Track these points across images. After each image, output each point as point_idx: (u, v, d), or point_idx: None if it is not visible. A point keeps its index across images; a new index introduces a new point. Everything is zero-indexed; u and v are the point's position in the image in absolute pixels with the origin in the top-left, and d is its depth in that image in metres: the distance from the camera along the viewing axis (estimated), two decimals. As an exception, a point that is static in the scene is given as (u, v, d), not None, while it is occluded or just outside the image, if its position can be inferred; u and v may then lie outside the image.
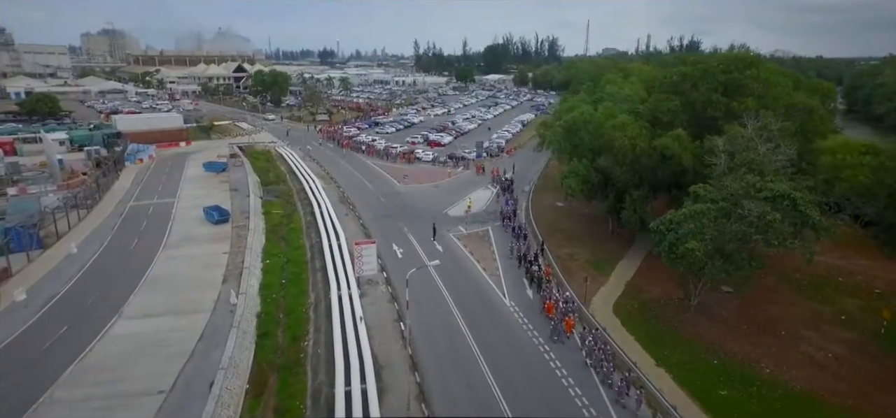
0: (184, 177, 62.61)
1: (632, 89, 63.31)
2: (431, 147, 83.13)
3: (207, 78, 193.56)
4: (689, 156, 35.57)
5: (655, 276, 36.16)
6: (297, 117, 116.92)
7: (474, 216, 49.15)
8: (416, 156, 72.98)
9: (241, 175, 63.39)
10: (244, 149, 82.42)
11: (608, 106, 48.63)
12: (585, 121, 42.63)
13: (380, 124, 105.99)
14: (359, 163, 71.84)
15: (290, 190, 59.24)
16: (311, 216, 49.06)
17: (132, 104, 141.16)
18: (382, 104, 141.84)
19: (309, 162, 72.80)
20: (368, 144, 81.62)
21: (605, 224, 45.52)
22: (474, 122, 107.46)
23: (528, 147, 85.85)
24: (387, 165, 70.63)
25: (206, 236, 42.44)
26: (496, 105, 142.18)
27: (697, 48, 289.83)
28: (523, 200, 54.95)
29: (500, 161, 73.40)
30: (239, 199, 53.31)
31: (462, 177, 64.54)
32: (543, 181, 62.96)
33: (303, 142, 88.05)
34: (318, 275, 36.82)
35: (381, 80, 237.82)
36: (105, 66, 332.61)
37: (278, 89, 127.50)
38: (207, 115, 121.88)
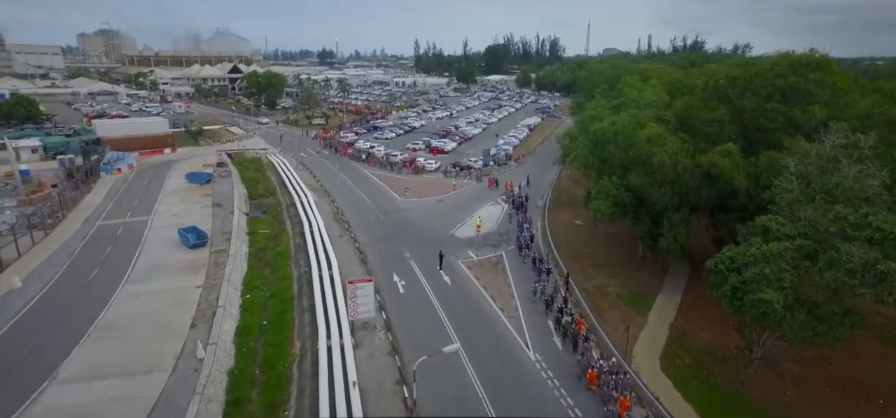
0: (164, 189, 57.09)
1: (654, 94, 57.99)
2: (434, 154, 77.64)
3: (202, 79, 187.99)
4: (743, 177, 30.06)
5: (701, 316, 30.75)
6: (292, 121, 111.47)
7: (485, 237, 43.65)
8: (423, 168, 67.23)
9: (227, 187, 57.91)
10: (233, 156, 76.93)
11: (635, 113, 43.20)
12: (616, 132, 37.09)
13: (379, 129, 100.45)
14: (356, 174, 66.33)
15: (280, 204, 53.72)
16: (302, 237, 43.53)
17: (122, 107, 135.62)
18: (381, 107, 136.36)
19: (302, 172, 67.31)
20: (368, 152, 76.09)
21: (632, 245, 40.14)
22: (478, 127, 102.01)
23: (537, 153, 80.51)
24: (386, 176, 65.12)
25: (179, 264, 36.92)
26: (500, 107, 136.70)
27: (701, 48, 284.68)
28: (538, 217, 49.50)
29: (508, 171, 67.96)
30: (222, 216, 47.85)
31: (468, 189, 59.03)
32: (558, 193, 57.47)
33: (297, 149, 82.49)
34: (305, 315, 31.29)
35: (381, 80, 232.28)
36: (101, 66, 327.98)
37: (273, 91, 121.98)
38: (199, 118, 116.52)
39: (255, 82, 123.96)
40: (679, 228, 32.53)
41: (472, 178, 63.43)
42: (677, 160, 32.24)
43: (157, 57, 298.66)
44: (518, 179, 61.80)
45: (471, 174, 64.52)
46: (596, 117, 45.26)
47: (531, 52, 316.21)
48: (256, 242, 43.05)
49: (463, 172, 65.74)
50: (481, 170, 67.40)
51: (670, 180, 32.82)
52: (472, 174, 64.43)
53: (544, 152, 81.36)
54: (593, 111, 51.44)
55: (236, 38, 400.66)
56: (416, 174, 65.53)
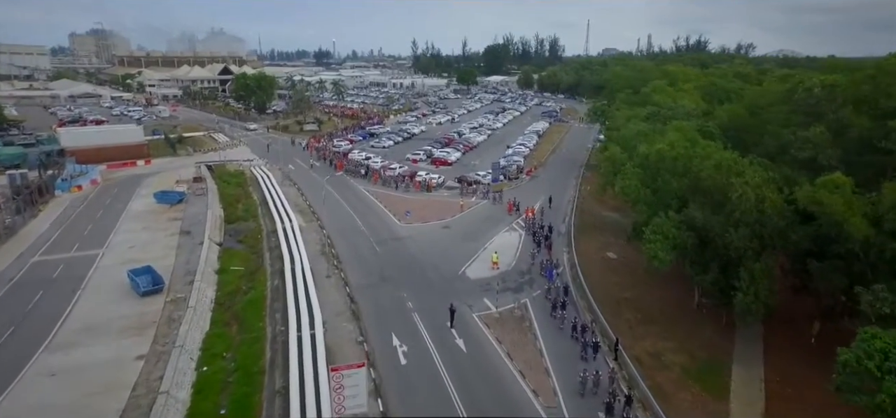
0: (126, 212, 49.42)
1: (690, 100, 50.78)
2: (436, 166, 70.08)
3: (190, 81, 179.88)
4: (860, 219, 22.58)
5: (801, 400, 23.38)
6: (282, 127, 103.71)
7: (503, 277, 36.13)
8: (433, 185, 59.06)
9: (201, 208, 50.30)
10: (213, 168, 69.27)
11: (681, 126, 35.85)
12: (674, 158, 29.60)
13: (375, 136, 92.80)
14: (349, 191, 58.72)
15: (260, 231, 46.07)
16: (281, 278, 35.91)
17: (103, 111, 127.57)
18: (378, 111, 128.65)
19: (289, 187, 59.66)
20: (368, 166, 68.09)
21: (681, 286, 32.81)
22: (483, 133, 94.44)
23: (550, 164, 73.07)
24: (384, 194, 57.52)
25: (122, 322, 29.30)
26: (504, 111, 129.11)
27: (705, 48, 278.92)
28: (563, 247, 42.02)
29: (521, 187, 60.46)
30: (189, 249, 40.26)
31: (478, 210, 51.48)
32: (581, 216, 49.90)
33: (286, 159, 74.76)
34: (276, 401, 23.71)
35: (378, 82, 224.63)
36: (90, 67, 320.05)
37: (262, 94, 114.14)
38: (183, 124, 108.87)
39: (243, 85, 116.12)
40: (762, 282, 25.05)
41: (480, 195, 55.83)
42: (762, 194, 24.78)
43: (148, 57, 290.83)
44: (536, 199, 54.37)
45: (479, 190, 56.91)
46: (642, 136, 37.48)
47: (531, 52, 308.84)
48: (226, 284, 35.42)
49: (469, 188, 58.23)
50: (491, 185, 59.90)
51: (752, 220, 25.35)
52: (481, 190, 56.82)
53: (558, 163, 73.96)
54: (629, 122, 44.04)
55: (231, 38, 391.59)
56: (427, 192, 57.62)
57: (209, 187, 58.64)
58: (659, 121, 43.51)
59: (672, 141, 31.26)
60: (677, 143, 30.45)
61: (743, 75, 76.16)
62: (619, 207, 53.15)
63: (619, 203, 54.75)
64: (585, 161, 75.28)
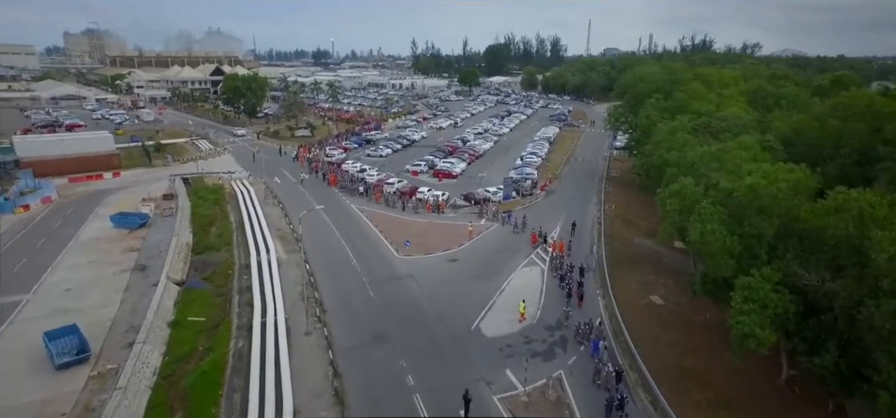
0: (75, 240, 41.92)
1: (738, 107, 43.39)
2: (439, 179, 62.64)
3: (181, 82, 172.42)
4: None
5: None
6: (272, 132, 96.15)
7: (527, 333, 28.74)
8: (443, 204, 51.06)
9: (166, 234, 42.86)
10: (190, 181, 61.83)
11: (749, 145, 28.35)
12: (772, 196, 21.99)
13: (372, 143, 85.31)
14: (341, 211, 51.32)
15: (232, 265, 38.57)
16: (248, 334, 28.48)
17: (85, 114, 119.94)
18: (376, 114, 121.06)
19: (272, 207, 52.23)
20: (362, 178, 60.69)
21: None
22: (489, 140, 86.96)
23: (565, 177, 65.66)
24: (380, 215, 50.10)
25: (19, 414, 21.83)
26: (509, 115, 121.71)
27: (710, 47, 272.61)
28: (595, 287, 34.57)
29: (537, 206, 53.06)
30: (139, 291, 32.87)
31: (489, 237, 44.01)
32: (612, 243, 42.37)
33: (272, 171, 67.35)
34: None
35: (377, 83, 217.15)
36: (83, 67, 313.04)
37: (252, 96, 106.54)
38: (167, 128, 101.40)
39: (232, 87, 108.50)
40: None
41: (490, 216, 48.25)
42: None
43: (141, 57, 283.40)
44: (554, 219, 46.99)
45: (489, 212, 49.38)
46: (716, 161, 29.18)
47: (532, 51, 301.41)
48: (179, 343, 27.98)
49: (480, 206, 50.81)
50: (502, 203, 52.50)
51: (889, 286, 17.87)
52: (491, 211, 49.25)
53: (574, 175, 66.51)
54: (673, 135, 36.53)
55: (229, 38, 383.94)
56: (438, 213, 49.83)
57: (181, 206, 51.17)
58: (708, 133, 36.12)
59: (768, 173, 23.58)
60: (777, 177, 22.78)
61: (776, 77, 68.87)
62: (651, 231, 45.76)
63: (650, 226, 47.41)
64: (605, 172, 67.87)
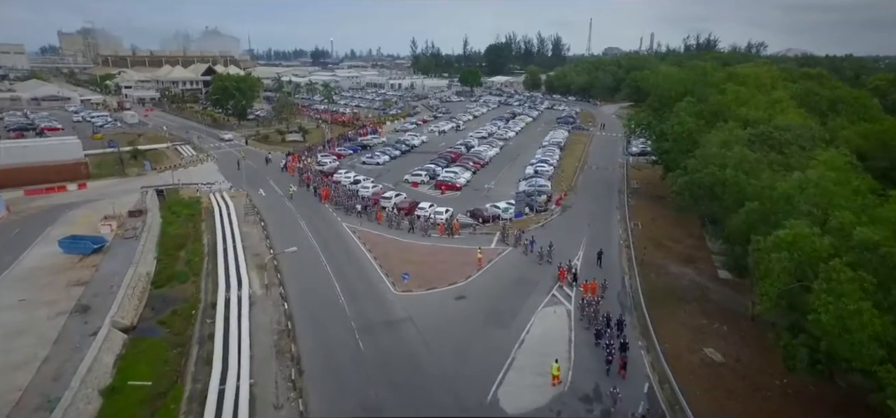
0: (11, 270, 35.62)
1: (793, 115, 37.17)
2: (442, 191, 56.39)
3: (171, 82, 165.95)
4: None
5: None
6: (262, 136, 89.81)
7: (559, 404, 22.53)
8: (457, 226, 44.14)
9: (124, 261, 36.63)
10: (165, 193, 55.62)
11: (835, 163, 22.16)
12: None
13: (368, 148, 79.10)
14: (331, 231, 45.11)
15: (196, 304, 32.30)
16: (200, 410, 22.22)
17: (65, 116, 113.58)
18: (373, 117, 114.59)
19: (253, 226, 45.98)
20: (357, 191, 54.61)
21: None
22: (494, 145, 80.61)
23: (580, 188, 59.45)
24: (375, 238, 43.86)
25: None
26: (514, 117, 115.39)
27: (714, 47, 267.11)
28: (634, 335, 28.32)
29: (552, 223, 46.82)
30: (72, 344, 26.68)
31: (502, 265, 37.71)
32: (646, 272, 36.06)
33: (257, 181, 61.10)
34: None
35: (375, 83, 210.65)
36: (75, 66, 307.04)
37: (242, 98, 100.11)
38: (151, 132, 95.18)
39: (221, 88, 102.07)
40: None
41: (499, 237, 41.81)
42: None
43: (134, 57, 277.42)
44: (575, 242, 40.74)
45: (504, 235, 43.07)
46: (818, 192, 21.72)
47: (533, 51, 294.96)
48: (111, 422, 21.76)
49: (485, 225, 44.57)
50: (514, 221, 46.29)
51: None
52: (504, 235, 42.92)
53: (590, 186, 60.25)
54: (726, 149, 30.23)
55: (226, 37, 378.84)
56: (451, 236, 43.03)
57: (148, 224, 44.94)
58: (768, 146, 29.94)
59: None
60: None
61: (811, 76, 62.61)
62: (687, 256, 39.68)
63: (684, 249, 41.31)
64: (623, 182, 61.66)
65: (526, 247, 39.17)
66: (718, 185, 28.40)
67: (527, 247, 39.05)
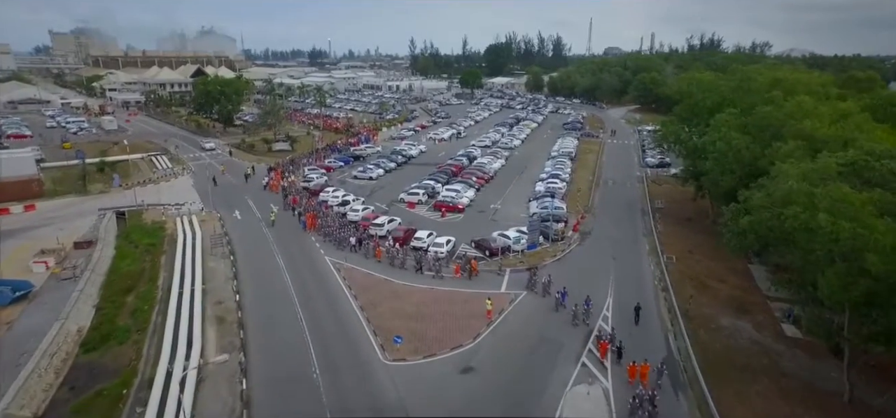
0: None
1: (879, 131, 30.37)
2: (443, 213, 49.50)
3: (159, 84, 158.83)
4: None
5: None
6: (247, 144, 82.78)
7: None
8: (476, 265, 36.31)
9: (51, 313, 29.74)
10: (125, 216, 48.74)
11: None
12: None
13: (361, 159, 72.27)
14: (312, 269, 38.22)
15: (133, 375, 25.40)
16: None
17: (39, 121, 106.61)
18: (368, 122, 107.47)
19: (220, 260, 39.06)
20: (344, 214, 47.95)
21: None
22: (498, 156, 73.74)
23: (598, 208, 52.62)
24: (364, 279, 36.99)
25: None
26: (518, 123, 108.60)
27: (718, 47, 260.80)
28: None
29: (570, 256, 39.96)
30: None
31: (516, 318, 30.80)
32: (691, 325, 29.20)
33: (235, 200, 54.22)
34: None
35: (372, 84, 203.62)
36: (65, 67, 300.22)
37: (227, 102, 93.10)
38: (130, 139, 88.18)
39: (204, 91, 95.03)
40: None
41: (539, 290, 33.35)
42: None
43: (125, 57, 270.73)
44: (600, 283, 33.81)
45: (538, 283, 35.62)
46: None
47: (534, 51, 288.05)
48: None
49: (494, 258, 37.66)
50: (527, 254, 39.45)
51: None
52: (545, 285, 35.14)
53: (610, 205, 53.47)
54: (809, 183, 23.33)
55: (221, 37, 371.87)
56: (469, 278, 35.36)
57: (95, 260, 38.06)
58: (866, 180, 23.13)
59: None
60: None
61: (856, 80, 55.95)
62: (739, 302, 32.89)
63: (732, 291, 34.51)
64: (645, 200, 54.90)
65: (557, 300, 31.23)
66: (804, 232, 21.61)
67: (558, 300, 31.17)
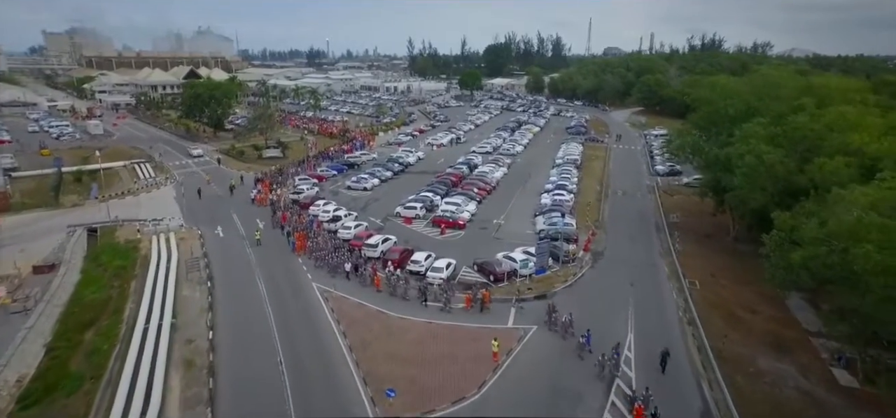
0: None
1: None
2: (442, 230, 45.64)
3: (150, 86, 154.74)
4: None
5: None
6: (237, 151, 78.82)
7: None
8: (489, 296, 32.02)
9: (-3, 356, 25.85)
10: (97, 233, 44.92)
11: None
12: None
13: (356, 167, 68.47)
14: (299, 298, 34.41)
15: (76, 439, 21.61)
16: None
17: (21, 125, 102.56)
18: (364, 127, 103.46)
19: (194, 289, 35.21)
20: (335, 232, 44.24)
21: None
22: (500, 163, 69.90)
23: (609, 222, 48.79)
24: (352, 310, 33.21)
25: None
26: (520, 127, 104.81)
27: (719, 47, 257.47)
28: None
29: (581, 282, 36.18)
30: None
31: (526, 362, 27.03)
32: (727, 369, 25.42)
33: (219, 215, 50.38)
34: None
35: (370, 85, 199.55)
36: (58, 67, 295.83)
37: (216, 106, 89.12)
38: (116, 145, 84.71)
39: (192, 95, 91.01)
40: None
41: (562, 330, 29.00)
42: None
43: (119, 58, 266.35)
44: (617, 316, 30.00)
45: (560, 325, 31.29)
46: None
47: (533, 51, 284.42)
48: None
49: (499, 284, 33.86)
50: (535, 278, 35.68)
51: None
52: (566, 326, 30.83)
53: (620, 220, 49.66)
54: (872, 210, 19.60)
55: (218, 37, 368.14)
56: (483, 313, 31.08)
57: (54, 289, 34.24)
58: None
59: None
60: None
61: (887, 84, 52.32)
62: (777, 337, 29.18)
63: (768, 322, 30.84)
64: (658, 213, 51.20)
65: (582, 345, 27.09)
66: (879, 275, 17.92)
67: (582, 345, 27.05)
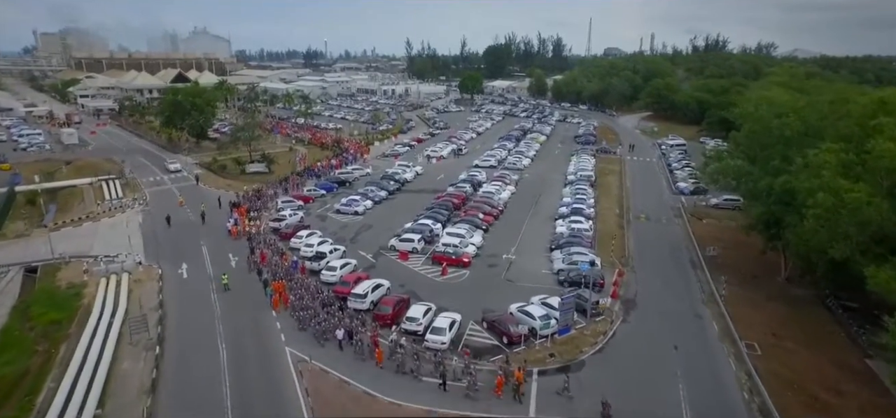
0: None
1: None
2: (443, 271, 38.79)
3: (136, 90, 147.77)
4: None
5: None
6: (219, 165, 71.96)
7: None
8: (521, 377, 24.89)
9: None
10: (38, 272, 38.20)
11: None
12: None
13: (348, 184, 61.80)
14: (265, 379, 27.77)
15: None
16: None
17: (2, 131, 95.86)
18: (358, 137, 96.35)
19: (137, 360, 28.48)
20: (329, 302, 37.64)
21: None
22: (507, 180, 63.13)
23: (635, 260, 41.84)
24: (331, 393, 26.58)
25: None
26: (525, 135, 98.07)
27: (723, 48, 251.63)
28: None
29: (614, 347, 29.50)
30: None
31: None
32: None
33: (186, 248, 43.63)
34: None
35: (367, 88, 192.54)
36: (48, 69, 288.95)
37: (198, 115, 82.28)
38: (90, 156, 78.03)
39: (171, 102, 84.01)
40: None
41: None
42: None
43: (110, 59, 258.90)
44: (669, 404, 23.49)
45: None
46: None
47: (533, 52, 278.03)
48: None
49: (512, 346, 27.26)
50: (557, 340, 28.98)
51: None
52: None
53: (648, 253, 43.00)
54: None
55: (214, 38, 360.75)
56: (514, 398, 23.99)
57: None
58: None
59: None
60: None
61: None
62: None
63: (862, 402, 24.15)
64: (691, 245, 44.52)
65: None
66: None
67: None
